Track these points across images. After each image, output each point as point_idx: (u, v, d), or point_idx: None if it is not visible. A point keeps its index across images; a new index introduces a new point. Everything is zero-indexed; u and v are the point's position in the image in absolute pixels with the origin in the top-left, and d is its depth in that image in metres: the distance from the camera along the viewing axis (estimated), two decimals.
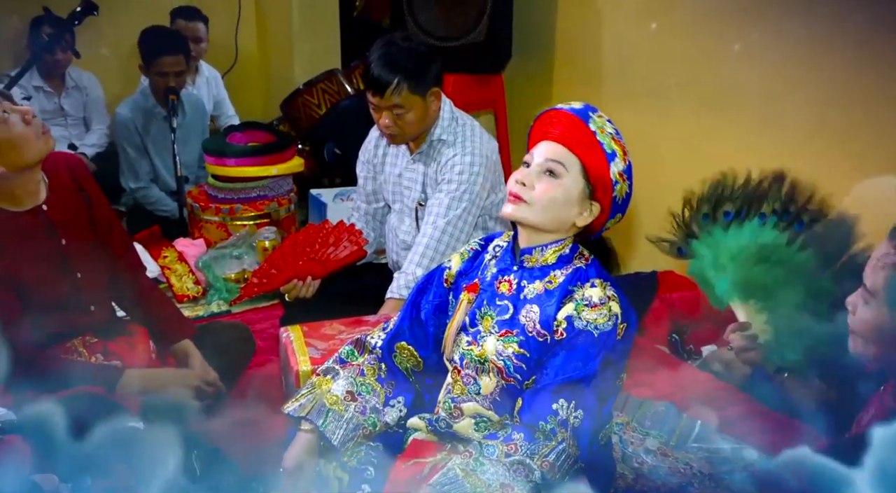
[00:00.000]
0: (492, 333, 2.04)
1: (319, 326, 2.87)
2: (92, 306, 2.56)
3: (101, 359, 2.57)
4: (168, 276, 3.73)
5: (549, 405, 1.90)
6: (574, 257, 2.03)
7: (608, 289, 1.97)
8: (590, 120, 1.93)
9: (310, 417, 2.10)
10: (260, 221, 4.02)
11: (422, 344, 2.21)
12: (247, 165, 4.02)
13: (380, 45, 2.84)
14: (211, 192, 4.10)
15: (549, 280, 2.00)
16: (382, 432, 2.20)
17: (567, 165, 1.93)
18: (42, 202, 2.41)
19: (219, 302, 3.66)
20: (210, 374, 2.64)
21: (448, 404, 2.14)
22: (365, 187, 3.29)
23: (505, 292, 2.05)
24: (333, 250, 3.26)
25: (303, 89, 4.50)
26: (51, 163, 2.46)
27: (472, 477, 1.88)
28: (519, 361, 2.00)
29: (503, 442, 1.91)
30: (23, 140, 2.24)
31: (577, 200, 1.95)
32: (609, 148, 1.92)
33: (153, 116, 4.28)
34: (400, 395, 2.23)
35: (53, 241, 2.45)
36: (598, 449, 2.01)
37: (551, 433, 1.89)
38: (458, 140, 2.95)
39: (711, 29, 3.21)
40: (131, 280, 2.70)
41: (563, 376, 1.91)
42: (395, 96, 2.80)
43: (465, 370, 2.09)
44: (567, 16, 3.88)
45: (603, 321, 1.92)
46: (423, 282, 2.25)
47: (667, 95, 3.46)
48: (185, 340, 2.71)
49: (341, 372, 2.20)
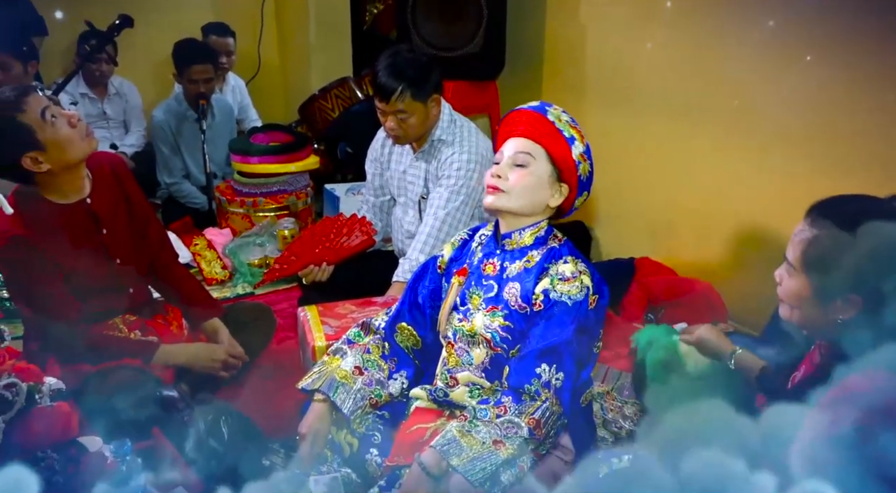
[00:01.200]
0: (480, 309, 2.06)
1: (333, 306, 2.88)
2: (130, 289, 2.57)
3: (140, 335, 2.57)
4: (198, 261, 3.73)
5: (533, 369, 1.92)
6: (549, 238, 2.06)
7: (579, 264, 2.00)
8: (547, 112, 2.00)
9: (322, 389, 2.11)
10: (280, 212, 4.02)
11: (420, 324, 2.23)
12: (268, 163, 4.02)
13: (386, 56, 2.84)
14: (236, 186, 4.10)
15: (528, 260, 2.03)
16: (388, 402, 2.21)
17: (534, 154, 1.98)
18: (86, 196, 2.41)
19: (243, 285, 3.67)
20: (236, 348, 2.64)
21: (445, 376, 2.16)
22: (373, 183, 3.29)
23: (490, 273, 2.07)
24: (346, 239, 3.26)
25: (318, 95, 4.49)
26: (95, 161, 2.46)
27: (467, 437, 1.89)
28: (504, 332, 2.02)
29: (494, 405, 1.93)
30: (68, 141, 2.24)
31: (548, 183, 2.00)
32: (568, 133, 1.98)
33: (185, 118, 4.28)
34: (402, 369, 2.24)
35: (95, 231, 2.45)
36: (579, 410, 2.03)
37: (536, 394, 1.91)
38: (456, 140, 2.95)
39: (683, 43, 3.21)
40: (166, 266, 2.71)
41: (544, 342, 1.93)
42: (399, 102, 2.80)
43: (458, 344, 2.11)
44: (554, 30, 3.88)
45: (575, 292, 1.95)
46: (420, 270, 2.27)
47: (643, 101, 3.46)
48: (214, 318, 2.71)
49: (349, 351, 2.21)
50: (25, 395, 1.13)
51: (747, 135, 3.02)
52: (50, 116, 2.21)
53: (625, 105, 3.56)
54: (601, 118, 3.73)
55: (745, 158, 3.04)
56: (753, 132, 2.99)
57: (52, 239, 2.34)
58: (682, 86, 3.25)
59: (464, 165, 2.91)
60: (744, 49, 2.95)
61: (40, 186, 2.33)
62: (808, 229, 1.53)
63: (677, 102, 3.29)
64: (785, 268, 1.56)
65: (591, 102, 3.76)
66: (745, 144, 3.03)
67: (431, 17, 3.80)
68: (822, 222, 1.50)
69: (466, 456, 1.85)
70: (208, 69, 4.19)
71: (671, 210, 3.45)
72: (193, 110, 4.23)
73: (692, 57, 3.19)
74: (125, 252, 2.53)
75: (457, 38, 3.78)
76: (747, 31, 2.94)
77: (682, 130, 3.30)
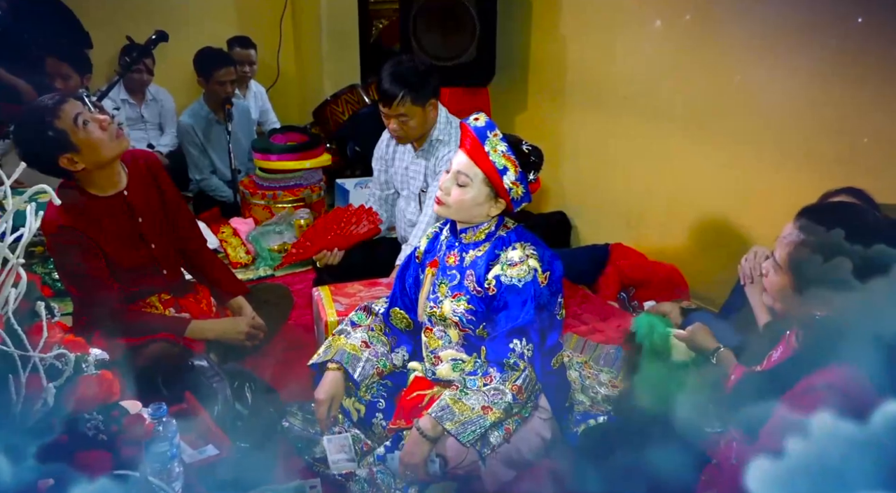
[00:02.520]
0: (447, 296, 2.07)
1: (344, 286, 2.89)
2: (164, 270, 2.56)
3: (173, 312, 2.57)
4: (225, 247, 3.73)
5: (507, 346, 1.93)
6: (498, 229, 2.05)
7: (527, 249, 2.00)
8: (486, 141, 1.93)
9: (336, 358, 2.12)
10: (297, 204, 4.01)
11: (410, 309, 2.24)
12: (286, 160, 4.01)
13: (389, 65, 2.82)
14: (258, 181, 4.09)
15: (480, 249, 2.04)
16: (391, 372, 2.22)
17: (471, 176, 1.95)
18: (123, 189, 2.41)
19: (265, 268, 3.67)
20: (258, 321, 2.64)
21: (429, 358, 2.18)
22: (379, 178, 3.28)
23: (452, 263, 2.08)
24: (354, 227, 3.26)
25: (330, 100, 4.49)
26: (130, 158, 2.47)
27: (459, 404, 1.91)
28: (469, 315, 2.03)
29: (482, 376, 1.95)
30: (100, 143, 2.23)
31: (484, 200, 1.98)
32: (500, 165, 1.93)
33: (209, 121, 4.25)
34: (401, 345, 2.26)
35: (132, 219, 2.45)
36: (552, 372, 2.05)
37: (515, 365, 1.93)
38: (451, 140, 2.94)
39: (652, 52, 3.20)
40: (195, 250, 2.70)
41: (511, 324, 1.94)
42: (401, 106, 2.78)
43: (436, 328, 2.13)
44: (538, 42, 3.87)
45: (523, 275, 1.95)
46: (406, 261, 2.28)
47: (615, 104, 3.45)
48: (239, 296, 2.71)
49: (352, 331, 2.22)
50: (73, 364, 1.14)
51: (707, 134, 3.02)
52: (82, 122, 2.21)
53: (600, 107, 3.56)
54: (579, 119, 3.73)
55: (706, 155, 3.04)
56: (713, 132, 2.99)
57: (94, 227, 2.34)
58: (651, 90, 3.25)
59: None
60: (705, 57, 2.95)
61: (81, 182, 2.33)
62: (795, 233, 1.51)
63: (646, 105, 3.29)
64: (771, 264, 1.55)
65: (571, 104, 3.75)
66: (705, 142, 3.03)
67: (430, 31, 3.79)
68: (808, 228, 1.48)
69: (459, 420, 1.87)
70: (230, 71, 4.17)
71: (641, 201, 3.45)
72: (216, 114, 4.22)
73: (659, 64, 3.18)
74: (159, 238, 2.53)
75: (452, 49, 3.77)
76: (708, 41, 2.93)
77: (650, 130, 3.30)
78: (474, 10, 3.69)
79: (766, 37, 2.71)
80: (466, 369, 2.06)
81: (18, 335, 1.08)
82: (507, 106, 4.07)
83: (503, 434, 1.98)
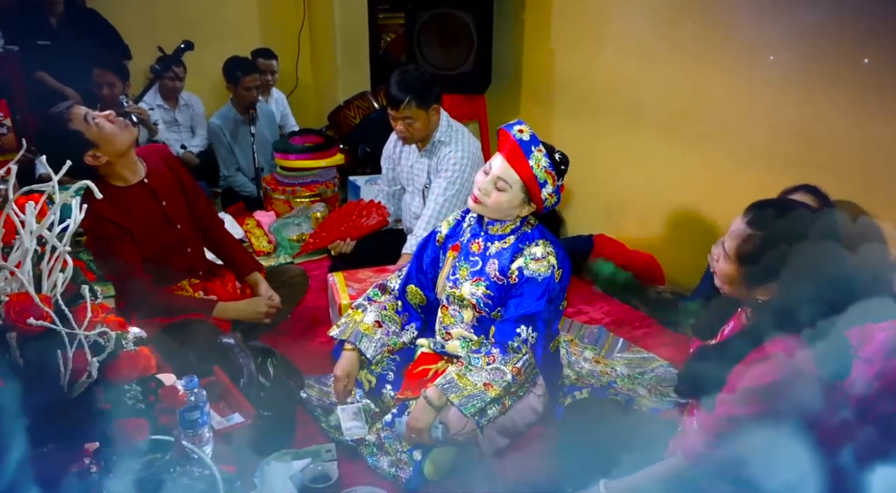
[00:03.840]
0: (467, 280, 2.06)
1: (355, 272, 2.88)
2: (189, 249, 2.54)
3: (202, 294, 2.56)
4: (249, 237, 3.72)
5: (514, 330, 1.92)
6: (523, 225, 2.04)
7: (548, 246, 1.99)
8: (531, 156, 1.91)
9: (351, 339, 2.12)
10: (313, 198, 4.00)
11: (425, 286, 2.22)
12: (304, 159, 4.00)
13: (396, 74, 2.81)
14: (279, 178, 4.08)
15: (505, 241, 2.02)
16: (400, 348, 2.23)
17: (510, 182, 1.92)
18: (143, 177, 2.40)
19: (285, 255, 3.66)
20: (274, 297, 2.62)
21: (441, 332, 2.17)
22: (387, 175, 3.27)
23: (475, 250, 2.07)
24: (365, 220, 3.26)
25: (343, 106, 4.47)
26: (145, 152, 2.47)
27: (463, 379, 1.91)
28: (486, 299, 2.03)
29: (485, 355, 1.94)
30: (113, 134, 2.23)
31: (518, 203, 1.96)
32: (542, 178, 1.91)
33: (236, 123, 4.24)
34: (412, 322, 2.25)
35: (157, 204, 2.43)
36: (549, 355, 2.04)
37: (517, 349, 1.92)
38: (452, 141, 2.93)
39: (631, 64, 3.18)
40: (214, 228, 2.68)
41: (522, 310, 1.93)
42: (407, 110, 2.78)
43: (452, 307, 2.12)
44: (530, 54, 3.85)
45: (544, 270, 1.94)
46: (424, 241, 2.26)
47: (598, 110, 3.44)
48: (255, 273, 2.69)
49: (369, 307, 2.21)
50: (114, 341, 1.14)
51: (680, 137, 3.01)
52: (91, 119, 2.21)
53: (584, 113, 3.55)
54: (566, 123, 3.72)
55: (679, 155, 3.03)
56: (685, 135, 2.98)
57: (125, 216, 2.34)
58: (630, 98, 3.24)
59: (458, 160, 2.90)
60: (678, 68, 2.94)
61: (107, 177, 2.32)
62: (743, 228, 1.49)
63: (626, 111, 3.28)
64: (721, 253, 1.54)
65: (559, 110, 3.74)
66: (678, 144, 3.02)
67: (433, 44, 3.77)
68: (756, 223, 1.47)
69: (462, 394, 1.87)
70: (256, 79, 4.16)
71: (621, 197, 3.44)
72: (243, 116, 4.21)
73: (637, 75, 3.17)
74: (183, 219, 2.51)
75: (452, 61, 3.76)
76: (680, 55, 2.92)
77: (629, 133, 3.29)
78: (472, 25, 3.68)
79: (732, 51, 2.70)
80: (472, 348, 2.07)
81: (66, 315, 1.08)
82: (501, 111, 4.06)
83: (500, 408, 1.98)
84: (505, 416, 2.01)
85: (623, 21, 3.21)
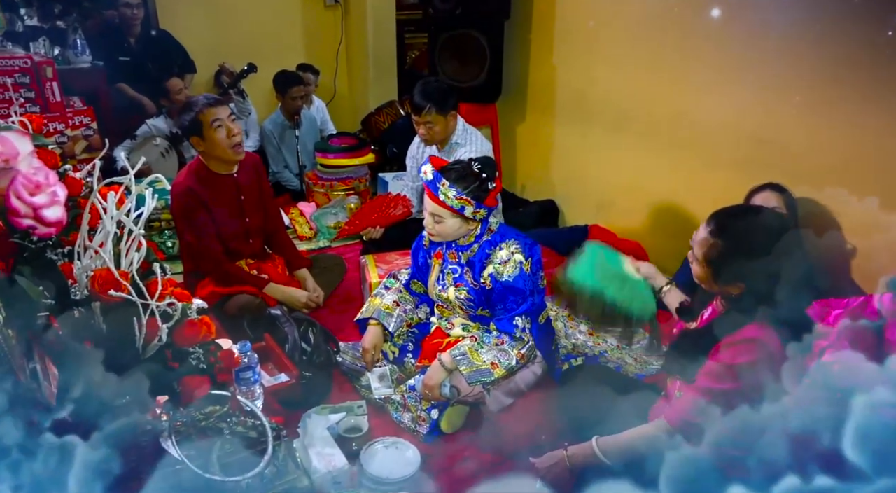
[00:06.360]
0: (451, 285, 2.05)
1: (384, 255, 2.88)
2: (251, 240, 2.57)
3: (257, 273, 2.59)
4: (294, 224, 3.73)
5: (513, 324, 1.93)
6: (484, 233, 2.00)
7: (511, 246, 1.95)
8: (438, 192, 1.87)
9: (374, 316, 2.14)
10: (348, 192, 3.99)
11: (425, 282, 2.22)
12: (341, 158, 3.98)
13: (419, 85, 2.80)
14: (319, 174, 4.07)
15: (472, 250, 2.00)
16: (417, 323, 2.23)
17: (442, 215, 1.90)
18: (235, 173, 2.46)
19: (324, 240, 3.66)
20: (315, 295, 2.63)
21: (444, 323, 2.17)
22: (411, 172, 3.26)
23: (453, 260, 2.05)
24: (392, 210, 3.25)
25: (374, 112, 4.44)
26: (246, 157, 2.51)
27: (474, 353, 1.91)
28: (468, 301, 2.02)
29: (496, 337, 1.94)
30: (217, 142, 2.34)
31: (460, 224, 1.93)
32: (457, 205, 1.87)
33: (284, 127, 4.24)
34: (423, 304, 2.25)
35: (238, 196, 2.48)
36: (541, 326, 2.04)
37: (520, 338, 1.92)
38: (467, 142, 2.91)
39: (620, 79, 3.15)
40: (275, 230, 2.70)
41: (514, 311, 1.93)
42: (428, 116, 2.76)
43: (445, 305, 2.12)
44: (535, 69, 3.81)
45: (513, 270, 1.91)
46: (415, 244, 2.24)
47: (592, 118, 3.40)
48: (304, 269, 2.71)
49: (386, 293, 2.22)
50: (181, 310, 1.15)
51: (661, 142, 2.97)
52: (216, 124, 2.30)
53: (580, 120, 3.52)
54: (565, 129, 3.69)
55: (660, 157, 3.00)
56: (664, 140, 2.95)
57: (210, 194, 2.39)
58: (619, 107, 3.21)
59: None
60: (660, 83, 2.90)
61: (205, 159, 2.41)
62: (706, 236, 1.44)
63: (615, 119, 3.25)
64: (693, 254, 1.51)
65: (559, 118, 3.71)
66: (659, 147, 2.99)
67: (451, 60, 3.75)
68: (717, 232, 1.42)
69: (471, 367, 1.89)
70: (300, 89, 4.16)
71: (611, 192, 3.41)
72: (289, 122, 4.21)
73: (624, 88, 3.14)
74: (254, 214, 2.55)
75: (468, 74, 3.73)
76: (662, 72, 2.88)
77: (618, 137, 3.26)
78: (485, 44, 3.64)
79: (703, 70, 2.67)
80: (473, 332, 2.07)
81: (140, 288, 1.08)
82: (510, 118, 4.04)
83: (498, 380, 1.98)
84: (508, 379, 2.00)
85: (612, 42, 3.18)
